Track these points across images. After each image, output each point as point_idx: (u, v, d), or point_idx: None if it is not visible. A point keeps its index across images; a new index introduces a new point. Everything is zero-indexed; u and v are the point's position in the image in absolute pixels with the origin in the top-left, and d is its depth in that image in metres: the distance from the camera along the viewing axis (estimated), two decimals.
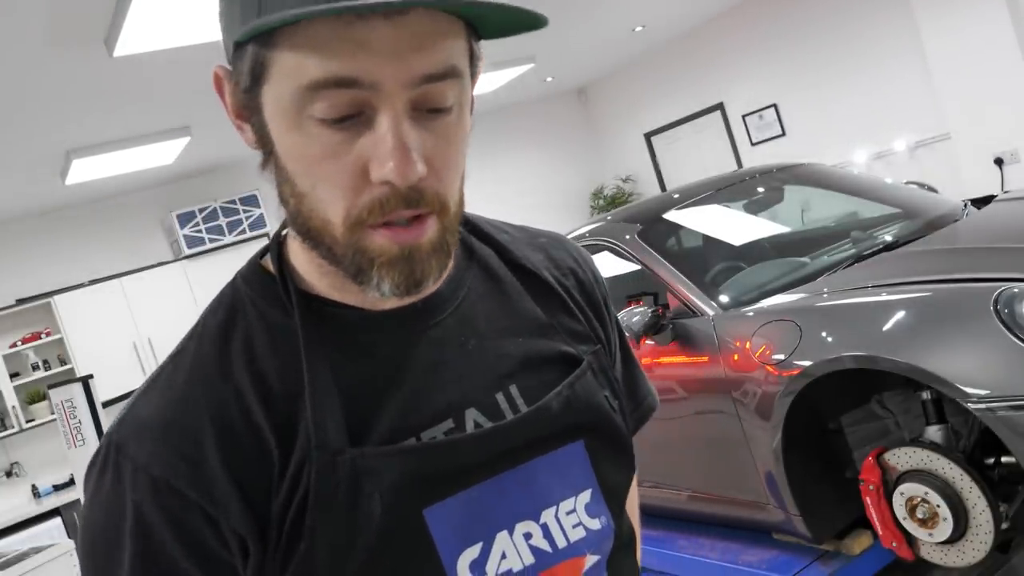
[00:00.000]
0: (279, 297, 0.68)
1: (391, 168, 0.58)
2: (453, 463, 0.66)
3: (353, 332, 0.68)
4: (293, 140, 0.61)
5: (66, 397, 2.85)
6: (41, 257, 6.12)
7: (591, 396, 0.74)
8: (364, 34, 0.56)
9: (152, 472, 0.62)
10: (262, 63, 0.60)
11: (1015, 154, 5.24)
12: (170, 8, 3.12)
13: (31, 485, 5.80)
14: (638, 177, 8.22)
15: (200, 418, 0.63)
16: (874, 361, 2.09)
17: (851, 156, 6.25)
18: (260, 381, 0.65)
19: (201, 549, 0.62)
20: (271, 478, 0.63)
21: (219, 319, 0.68)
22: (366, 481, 0.63)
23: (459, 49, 0.61)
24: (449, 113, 0.61)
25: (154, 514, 0.61)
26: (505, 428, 0.68)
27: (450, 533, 0.66)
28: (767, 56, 6.70)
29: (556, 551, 0.70)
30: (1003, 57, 5.09)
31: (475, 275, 0.75)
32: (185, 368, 0.66)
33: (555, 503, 0.71)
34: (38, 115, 4.14)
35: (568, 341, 0.76)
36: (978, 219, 2.91)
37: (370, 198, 0.60)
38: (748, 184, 3.40)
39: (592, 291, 0.83)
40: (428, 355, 0.69)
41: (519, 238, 0.81)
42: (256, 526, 0.62)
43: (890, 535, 2.24)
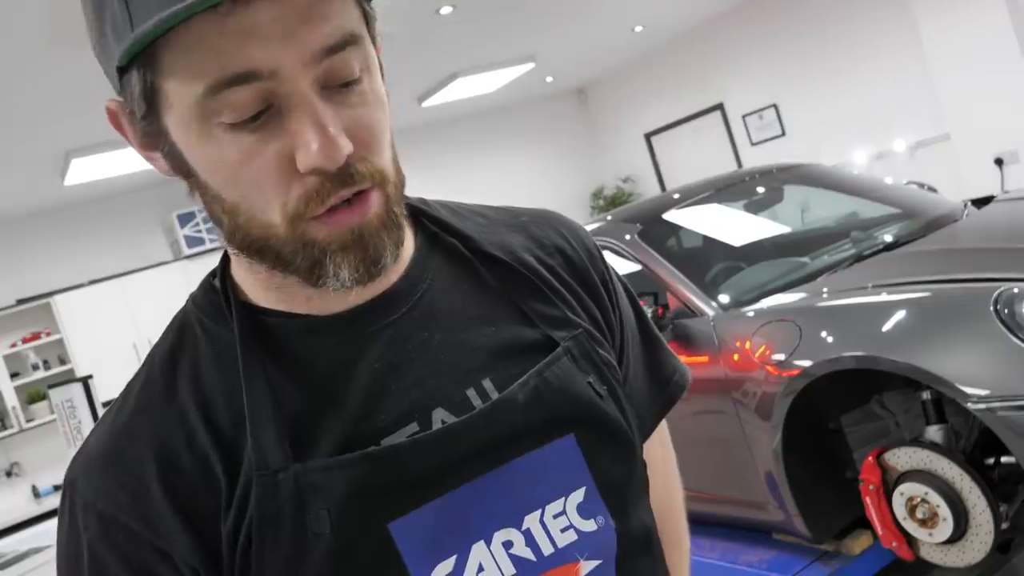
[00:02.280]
0: (222, 311, 0.65)
1: (315, 153, 0.54)
2: (413, 469, 0.60)
3: (298, 340, 0.64)
4: (207, 153, 0.57)
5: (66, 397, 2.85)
6: (41, 257, 6.12)
7: (569, 384, 0.67)
8: (248, 21, 0.52)
9: (98, 507, 0.60)
10: (152, 84, 0.56)
11: (1015, 154, 5.24)
12: None
13: (31, 485, 5.81)
14: (638, 177, 8.22)
15: (143, 449, 0.61)
16: (874, 361, 2.09)
17: (851, 156, 6.25)
18: (205, 404, 0.62)
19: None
20: (219, 506, 0.59)
21: (169, 343, 0.66)
22: (311, 498, 0.59)
23: (351, 14, 0.57)
24: (360, 82, 0.58)
25: (106, 552, 0.60)
26: (464, 425, 0.62)
27: (420, 547, 0.60)
28: (767, 56, 6.70)
29: (541, 559, 0.64)
30: (1003, 57, 5.09)
31: (438, 266, 0.70)
32: (133, 398, 0.64)
33: (540, 506, 0.65)
34: (38, 115, 4.14)
35: (543, 327, 0.70)
36: (978, 219, 2.91)
37: (304, 190, 0.57)
38: (748, 184, 3.40)
39: (584, 268, 0.76)
40: (384, 356, 0.64)
41: (497, 220, 0.76)
42: (207, 557, 0.59)
43: (890, 535, 2.24)
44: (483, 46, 5.53)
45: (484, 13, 4.80)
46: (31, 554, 3.41)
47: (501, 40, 5.56)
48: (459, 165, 7.46)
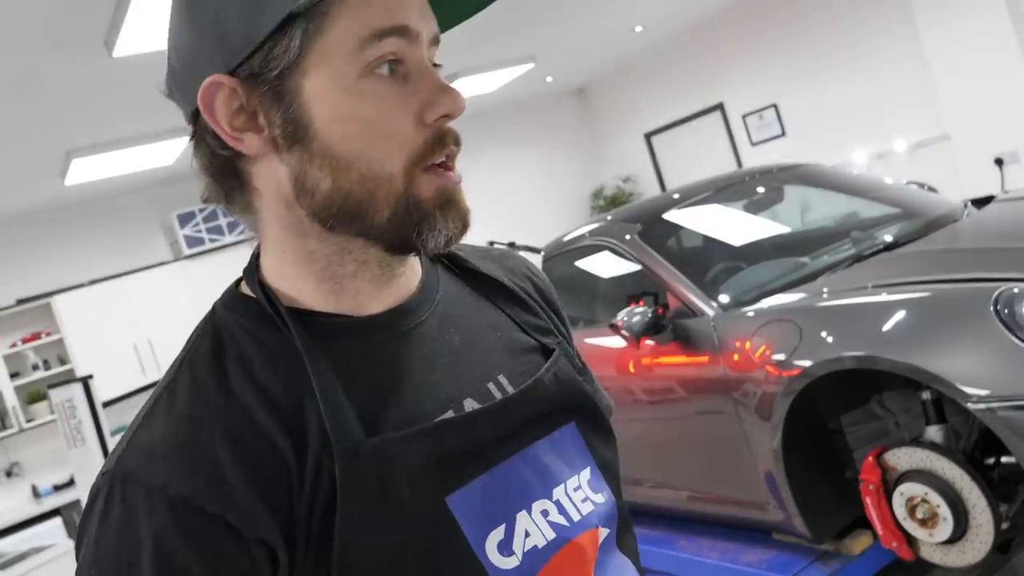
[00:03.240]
0: (267, 317, 0.68)
1: (447, 99, 0.65)
2: (469, 441, 0.68)
3: (347, 337, 0.70)
4: (350, 103, 0.64)
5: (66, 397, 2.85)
6: (41, 257, 6.12)
7: (574, 378, 0.78)
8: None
9: (169, 493, 0.60)
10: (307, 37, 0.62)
11: (1015, 154, 5.24)
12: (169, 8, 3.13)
13: (31, 485, 5.80)
14: (638, 177, 8.22)
15: (211, 433, 0.62)
16: (874, 361, 2.09)
17: (851, 156, 6.25)
18: (264, 393, 0.64)
19: (227, 568, 0.60)
20: (290, 483, 0.62)
21: (207, 347, 0.68)
22: (393, 467, 0.64)
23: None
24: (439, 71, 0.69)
25: (175, 539, 0.59)
26: (511, 401, 0.72)
27: (474, 518, 0.67)
28: (767, 56, 6.70)
29: (573, 524, 0.72)
30: (1003, 57, 5.10)
31: (443, 276, 0.79)
32: (184, 394, 0.65)
33: (562, 481, 0.73)
34: (38, 115, 4.14)
35: (534, 335, 0.80)
36: (978, 219, 2.91)
37: (430, 135, 0.66)
38: (748, 184, 3.40)
39: (549, 293, 0.88)
40: (421, 352, 0.72)
41: (472, 252, 0.85)
42: (281, 533, 0.61)
43: (890, 535, 2.24)
44: (483, 46, 5.53)
45: (484, 13, 4.78)
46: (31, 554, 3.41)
47: (501, 40, 5.56)
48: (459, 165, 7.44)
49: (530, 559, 0.68)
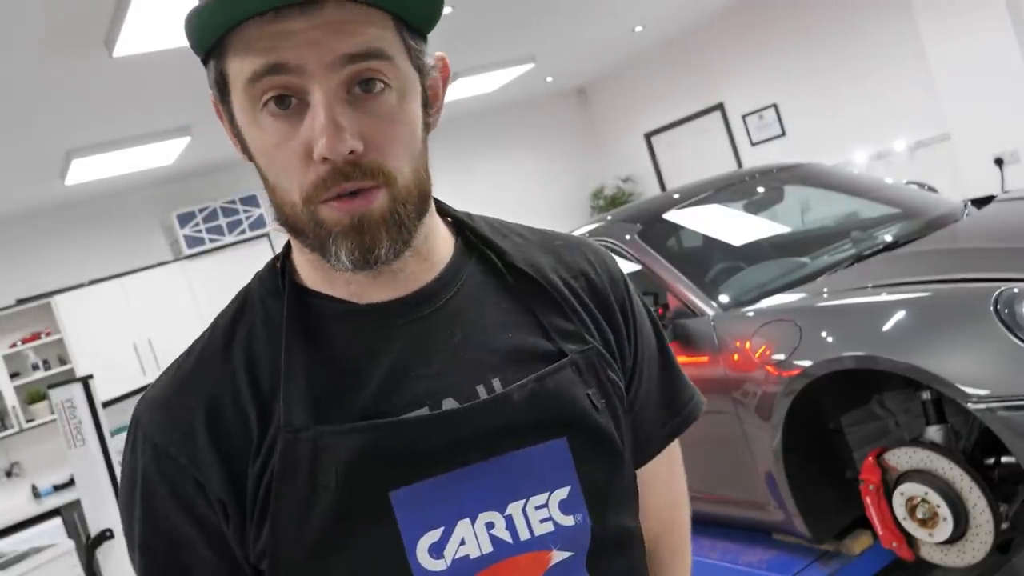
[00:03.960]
0: (278, 289, 0.75)
1: (323, 144, 0.64)
2: (410, 443, 0.69)
3: (337, 322, 0.74)
4: (253, 136, 0.69)
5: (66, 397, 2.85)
6: (41, 257, 6.12)
7: (566, 392, 0.74)
8: (284, 27, 0.64)
9: (154, 440, 0.72)
10: (222, 74, 0.69)
11: (1015, 154, 5.24)
12: (170, 8, 3.13)
13: (31, 485, 5.80)
14: (638, 177, 8.22)
15: (196, 398, 0.72)
16: (874, 361, 2.09)
17: (851, 156, 6.25)
18: (252, 368, 0.72)
19: (192, 508, 0.70)
20: (249, 453, 0.70)
21: (231, 312, 0.77)
22: (324, 456, 0.68)
23: (383, 36, 0.67)
24: (385, 93, 0.67)
25: (155, 476, 0.71)
26: (461, 413, 0.71)
27: (414, 516, 0.69)
28: (767, 56, 6.70)
29: (517, 543, 0.71)
30: (1003, 57, 5.10)
31: (471, 273, 0.79)
32: (196, 354, 0.76)
33: (524, 497, 0.72)
34: (38, 115, 4.14)
35: (557, 340, 0.77)
36: (978, 219, 2.91)
37: (315, 175, 0.66)
38: (748, 184, 3.40)
39: (604, 293, 0.83)
40: (408, 347, 0.73)
41: (532, 241, 0.84)
42: (234, 495, 0.69)
43: (890, 535, 2.24)
44: (483, 46, 5.53)
45: (484, 13, 4.80)
46: (31, 554, 3.41)
47: (501, 40, 5.56)
48: (459, 165, 7.46)
49: (458, 567, 0.69)
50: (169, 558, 0.72)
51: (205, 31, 0.66)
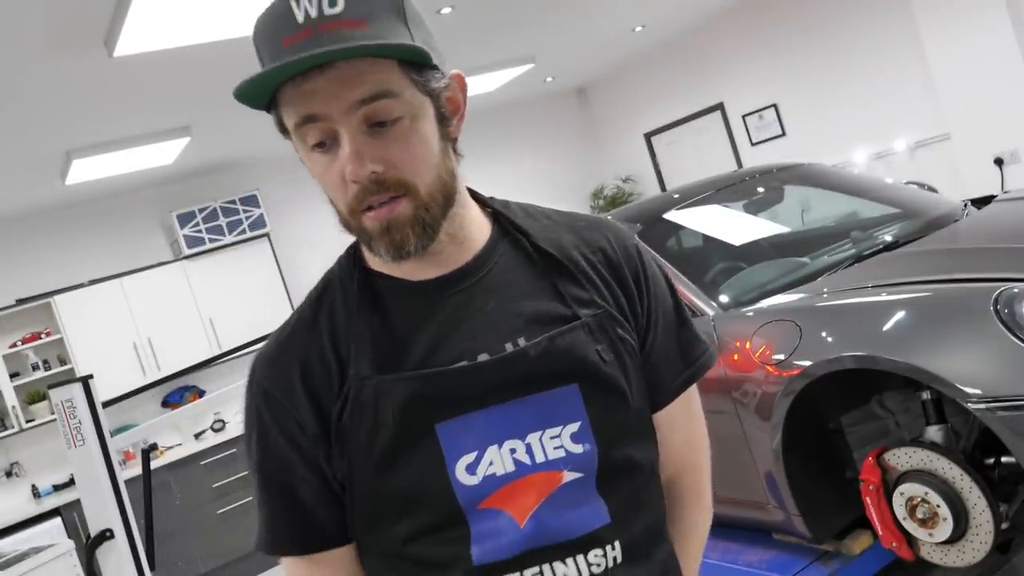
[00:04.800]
0: (352, 271, 0.97)
1: (348, 170, 0.85)
2: (450, 388, 0.89)
3: (394, 296, 0.95)
4: (310, 166, 0.90)
5: (66, 397, 2.84)
6: (41, 257, 6.11)
7: (575, 349, 0.92)
8: (309, 86, 0.83)
9: (264, 386, 0.95)
10: (280, 120, 0.89)
11: (1015, 154, 5.24)
12: (170, 8, 3.13)
13: (31, 485, 5.80)
14: (638, 177, 8.22)
15: (292, 355, 0.94)
16: (874, 361, 2.09)
17: (851, 156, 6.25)
18: (334, 333, 0.94)
19: (293, 438, 0.93)
20: (333, 397, 0.92)
21: (318, 290, 0.99)
22: (383, 399, 0.89)
23: (388, 79, 0.84)
24: (398, 123, 0.85)
25: (265, 413, 0.94)
26: (488, 364, 0.90)
27: (454, 442, 0.89)
28: (767, 56, 6.70)
29: (534, 464, 0.90)
30: (1003, 57, 5.10)
31: (503, 252, 0.97)
32: (292, 323, 0.98)
33: (541, 429, 0.90)
34: (38, 115, 4.14)
35: (573, 306, 0.94)
36: (978, 219, 2.91)
37: (351, 194, 0.87)
38: (748, 184, 3.40)
39: (619, 265, 1.00)
40: (452, 313, 0.93)
41: (559, 222, 1.02)
42: (322, 428, 0.92)
43: (890, 535, 2.24)
44: (483, 46, 5.53)
45: (484, 13, 4.80)
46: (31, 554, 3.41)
47: (501, 40, 5.56)
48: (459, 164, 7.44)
49: (487, 482, 0.89)
50: (277, 475, 0.94)
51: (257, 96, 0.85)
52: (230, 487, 5.78)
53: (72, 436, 2.85)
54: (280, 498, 0.95)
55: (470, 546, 0.89)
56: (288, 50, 0.82)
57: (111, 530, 2.84)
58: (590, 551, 0.90)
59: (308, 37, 0.82)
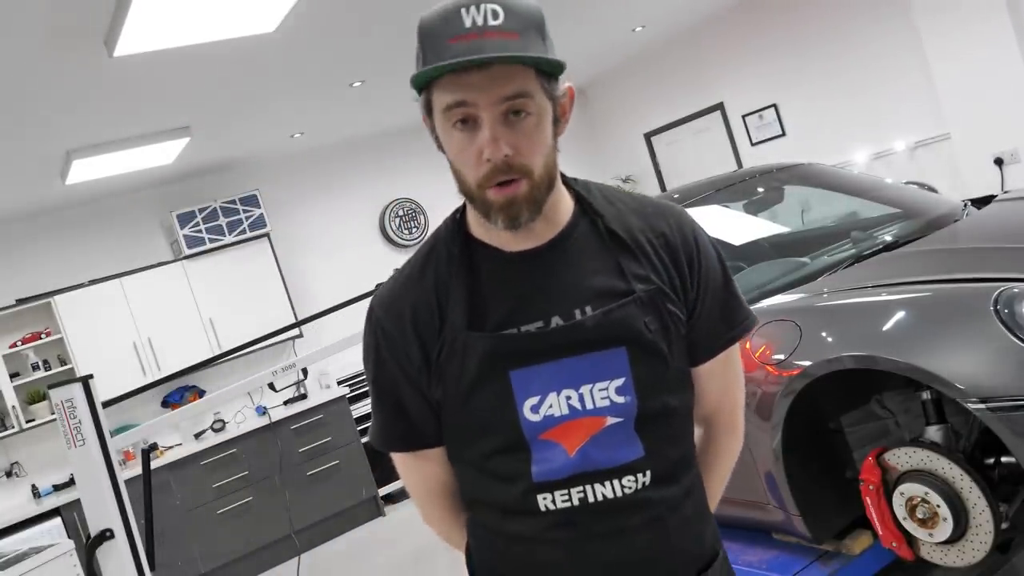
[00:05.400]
0: (456, 235, 1.18)
1: (488, 150, 1.04)
2: (521, 346, 1.11)
3: (489, 262, 1.16)
4: (447, 141, 1.09)
5: (66, 397, 2.84)
6: (41, 257, 6.11)
7: (626, 320, 1.12)
8: (467, 78, 1.03)
9: (382, 323, 1.19)
10: (429, 101, 1.09)
11: (1015, 154, 5.24)
12: (170, 8, 3.13)
13: (31, 485, 5.80)
14: (638, 177, 8.22)
15: (405, 301, 1.18)
16: (874, 361, 2.09)
17: (851, 156, 6.25)
18: (438, 287, 1.16)
19: (401, 364, 1.17)
20: (435, 339, 1.15)
21: (427, 248, 1.20)
22: (469, 350, 1.12)
23: (528, 82, 1.05)
24: (528, 118, 1.06)
25: (383, 343, 1.19)
26: (551, 331, 1.11)
27: (523, 386, 1.11)
28: (767, 56, 6.70)
29: (584, 410, 1.12)
30: (1003, 57, 5.09)
31: (582, 231, 1.17)
32: (405, 274, 1.21)
33: (592, 382, 1.11)
34: (38, 115, 4.14)
35: (631, 281, 1.14)
36: (978, 219, 2.91)
37: (485, 170, 1.06)
38: (748, 184, 3.40)
39: (675, 248, 1.18)
40: (534, 280, 1.14)
41: (631, 207, 1.21)
42: (425, 362, 1.15)
43: (890, 535, 2.24)
44: None
45: None
46: (31, 554, 3.41)
47: None
48: None
49: (546, 420, 1.12)
50: (389, 391, 1.20)
51: (423, 79, 1.05)
52: (230, 487, 5.78)
53: (72, 436, 2.85)
54: (391, 409, 1.21)
55: (531, 466, 1.13)
56: (454, 47, 1.02)
57: (111, 530, 2.84)
58: (624, 476, 1.13)
59: (473, 39, 1.02)
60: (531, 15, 1.07)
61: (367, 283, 3.71)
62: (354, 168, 7.26)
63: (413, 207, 7.49)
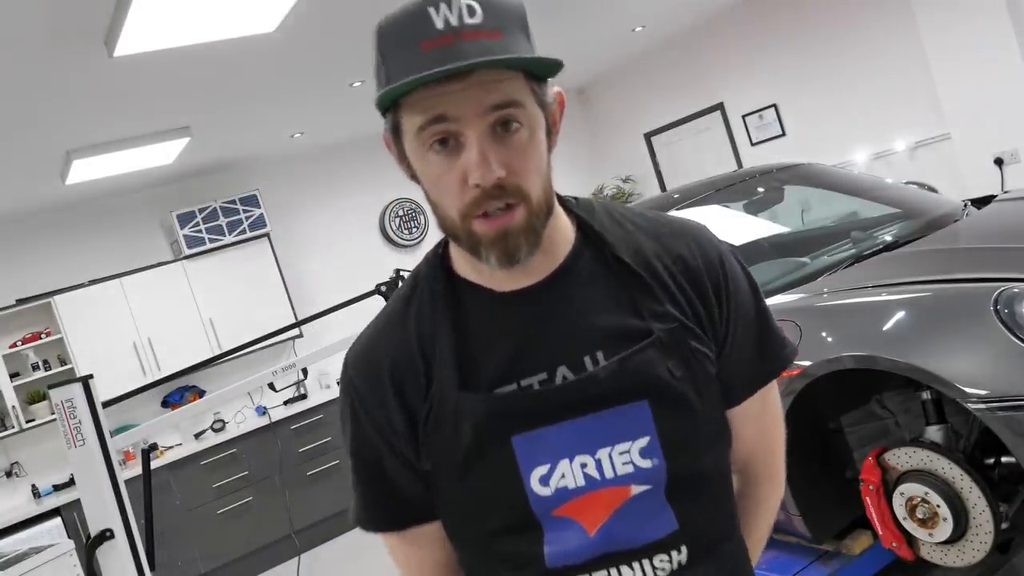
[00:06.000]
0: (439, 275, 0.99)
1: (476, 173, 0.86)
2: (526, 406, 0.93)
3: (479, 306, 0.97)
4: (422, 168, 0.91)
5: (66, 397, 2.84)
6: (41, 257, 6.11)
7: (646, 367, 0.94)
8: (445, 89, 0.84)
9: (355, 383, 1.00)
10: (397, 123, 0.91)
11: (1015, 154, 5.24)
12: (170, 8, 3.12)
13: (31, 485, 5.80)
14: (638, 177, 8.22)
15: (383, 357, 0.99)
16: (874, 361, 2.09)
17: (851, 156, 6.25)
18: (421, 336, 0.97)
19: (382, 432, 0.99)
20: (420, 399, 0.96)
21: (408, 287, 1.02)
22: (461, 416, 0.94)
23: (517, 89, 0.88)
24: (519, 131, 0.88)
25: (359, 408, 1.00)
26: (560, 387, 0.94)
27: (529, 454, 0.93)
28: (767, 56, 6.70)
29: (603, 479, 0.94)
30: (1003, 57, 5.09)
31: (586, 262, 0.99)
32: (383, 318, 1.03)
33: (611, 444, 0.93)
34: (38, 115, 4.13)
35: (648, 320, 0.96)
36: (978, 219, 2.91)
37: (470, 197, 0.87)
38: (748, 184, 3.40)
39: (698, 275, 1.00)
40: (533, 325, 0.96)
41: (643, 228, 1.02)
42: (411, 428, 0.97)
43: (890, 535, 2.24)
44: None
45: None
46: (31, 554, 3.41)
47: None
48: None
49: (559, 494, 0.94)
50: (369, 461, 1.01)
51: (392, 96, 0.87)
52: (230, 487, 5.78)
53: (72, 436, 2.85)
54: (374, 483, 1.03)
55: (543, 548, 0.96)
56: (429, 55, 0.84)
57: (111, 530, 2.84)
58: (656, 556, 0.95)
59: (448, 43, 0.84)
60: (512, 9, 0.90)
61: (367, 283, 3.72)
62: (354, 168, 7.26)
63: (413, 207, 7.49)
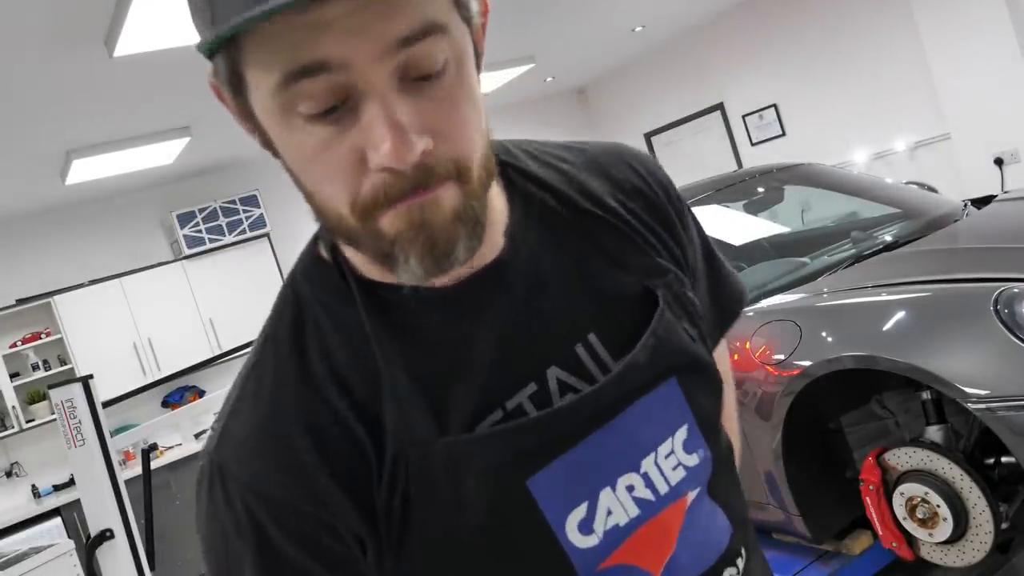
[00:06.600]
0: (339, 287, 0.66)
1: (386, 152, 0.54)
2: (547, 435, 0.65)
3: (420, 315, 0.65)
4: (286, 141, 0.58)
5: (66, 397, 2.85)
6: (41, 257, 6.11)
7: (673, 335, 0.71)
8: (320, 16, 0.51)
9: (255, 488, 0.62)
10: (236, 72, 0.57)
11: (1015, 154, 5.24)
12: (170, 8, 3.12)
13: (31, 485, 5.80)
14: None
15: (293, 425, 0.63)
16: (874, 361, 2.09)
17: (851, 156, 6.25)
18: (341, 381, 0.64)
19: (316, 548, 0.63)
20: (370, 474, 0.63)
21: (287, 323, 0.67)
22: (461, 466, 0.62)
23: (435, 2, 0.55)
24: (444, 73, 0.56)
25: (266, 525, 0.62)
26: (596, 392, 0.66)
27: (555, 498, 0.65)
28: (767, 56, 6.70)
29: (659, 498, 0.69)
30: (1003, 57, 5.09)
31: (534, 228, 0.70)
32: (268, 379, 0.65)
33: (653, 449, 0.69)
34: (38, 115, 4.13)
35: (640, 277, 0.72)
36: (978, 219, 2.91)
37: (372, 186, 0.56)
38: (748, 184, 3.40)
39: (662, 207, 0.77)
40: (498, 325, 0.66)
41: (578, 163, 0.75)
42: (367, 523, 0.63)
43: (890, 535, 2.24)
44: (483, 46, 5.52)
45: None
46: (31, 554, 3.41)
47: (501, 40, 5.56)
48: None
49: (610, 537, 0.67)
50: None
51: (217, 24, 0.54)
52: None
53: (72, 436, 2.85)
54: None
55: None
56: None
57: (111, 530, 2.84)
58: (725, 571, 0.74)
59: None
60: None
61: None
62: None
63: None
